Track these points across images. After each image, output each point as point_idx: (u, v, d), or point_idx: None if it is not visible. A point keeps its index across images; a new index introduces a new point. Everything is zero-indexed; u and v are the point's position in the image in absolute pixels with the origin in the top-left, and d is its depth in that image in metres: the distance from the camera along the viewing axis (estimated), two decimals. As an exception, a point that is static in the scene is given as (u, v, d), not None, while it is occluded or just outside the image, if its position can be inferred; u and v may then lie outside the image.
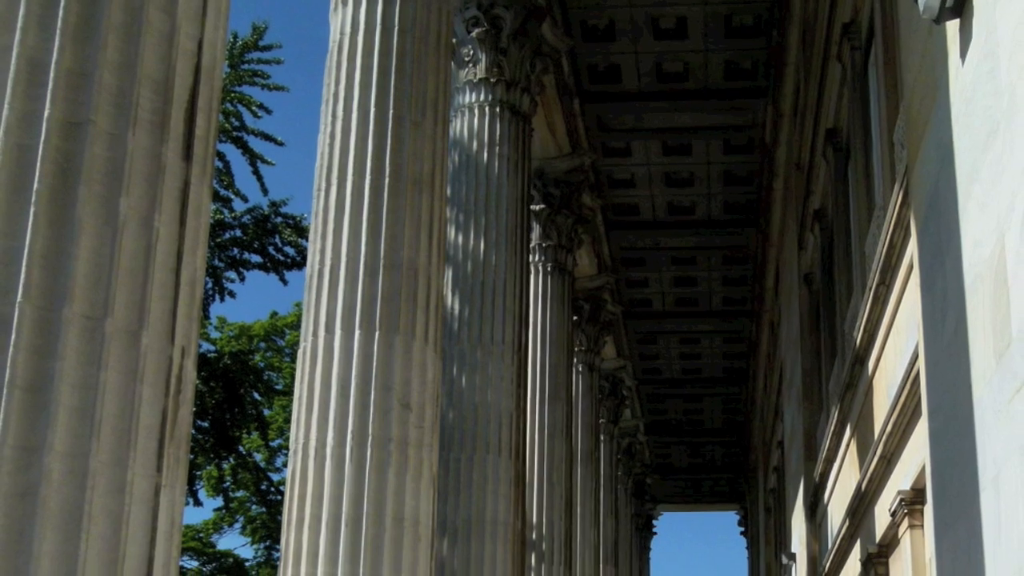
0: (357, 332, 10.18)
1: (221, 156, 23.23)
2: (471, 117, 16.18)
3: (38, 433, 5.16)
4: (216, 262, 23.46)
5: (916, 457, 10.27)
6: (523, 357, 15.54)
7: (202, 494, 28.74)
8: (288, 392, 27.82)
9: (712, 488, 46.64)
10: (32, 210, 5.33)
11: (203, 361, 24.01)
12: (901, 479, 11.32)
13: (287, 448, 11.65)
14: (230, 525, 34.14)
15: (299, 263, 23.78)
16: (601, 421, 30.19)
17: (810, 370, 20.45)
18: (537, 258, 20.80)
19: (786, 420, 24.50)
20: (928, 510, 8.78)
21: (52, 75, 5.46)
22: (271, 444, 30.58)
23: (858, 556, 14.28)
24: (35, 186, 5.35)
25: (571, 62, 20.31)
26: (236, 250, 23.82)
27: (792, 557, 23.22)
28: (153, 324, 5.58)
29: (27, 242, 5.29)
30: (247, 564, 33.62)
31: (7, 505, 5.06)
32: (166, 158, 5.73)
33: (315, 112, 11.81)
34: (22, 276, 5.26)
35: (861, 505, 13.87)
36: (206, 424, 24.34)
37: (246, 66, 23.69)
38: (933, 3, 6.91)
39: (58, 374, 5.24)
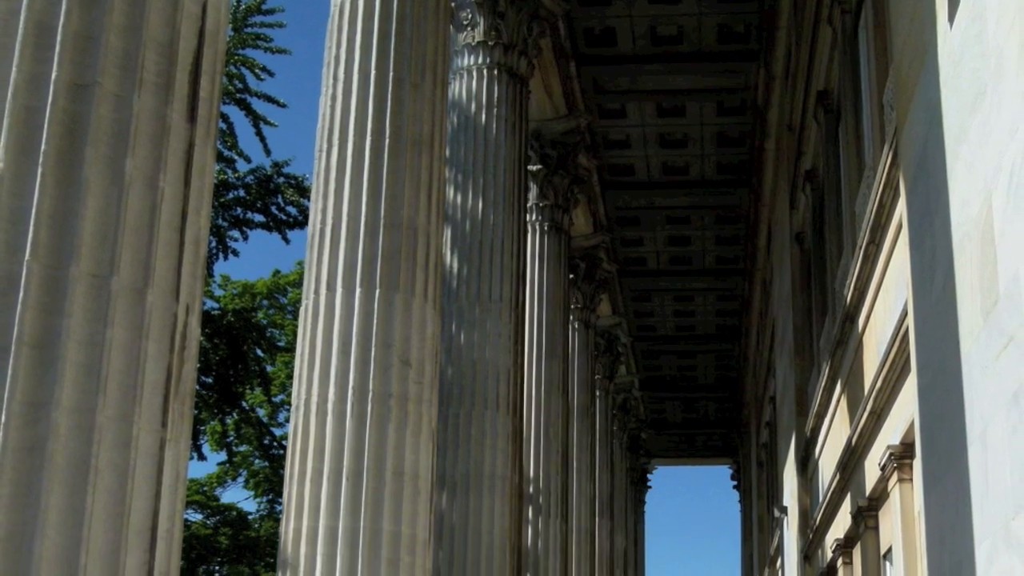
0: (358, 290, 10.27)
1: (225, 118, 23.28)
2: (469, 79, 16.22)
3: (45, 389, 5.21)
4: (220, 221, 23.54)
5: (905, 412, 10.38)
6: (520, 314, 15.63)
7: (206, 449, 28.81)
8: (290, 349, 27.88)
9: (705, 443, 46.74)
10: (39, 171, 5.37)
11: (207, 318, 24.12)
12: (890, 434, 11.44)
13: (289, 404, 11.76)
14: (233, 479, 34.32)
15: (301, 222, 23.85)
16: (597, 377, 30.27)
17: (801, 327, 20.56)
18: (534, 217, 20.88)
19: (778, 376, 24.62)
20: (917, 464, 8.88)
21: (59, 38, 5.50)
22: (274, 400, 30.71)
23: (849, 509, 14.42)
24: (42, 147, 5.39)
25: (567, 25, 20.34)
26: (239, 209, 23.89)
27: (784, 510, 23.39)
28: (158, 282, 5.62)
29: (35, 202, 5.33)
30: (250, 517, 33.84)
31: (15, 459, 5.11)
32: (171, 119, 5.76)
33: (317, 75, 11.87)
34: (30, 235, 5.30)
35: (851, 459, 14.00)
36: (210, 380, 24.44)
37: (249, 29, 23.74)
38: (923, -34, 7.00)
39: (65, 331, 5.28)
